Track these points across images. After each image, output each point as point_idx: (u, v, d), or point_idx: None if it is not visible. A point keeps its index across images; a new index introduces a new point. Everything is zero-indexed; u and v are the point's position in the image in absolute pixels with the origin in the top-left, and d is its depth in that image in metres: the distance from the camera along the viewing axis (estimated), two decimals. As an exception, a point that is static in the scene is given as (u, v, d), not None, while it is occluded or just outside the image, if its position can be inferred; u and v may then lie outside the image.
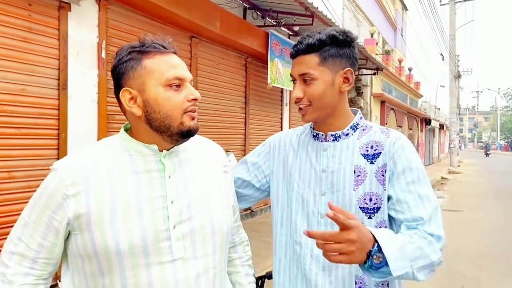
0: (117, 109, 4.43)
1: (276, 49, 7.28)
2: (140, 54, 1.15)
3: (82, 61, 4.04)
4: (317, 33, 1.36)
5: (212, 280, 1.18)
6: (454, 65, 28.84)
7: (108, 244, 1.06)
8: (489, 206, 10.76)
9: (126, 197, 1.10)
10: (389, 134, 1.40)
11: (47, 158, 3.75)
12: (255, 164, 1.58)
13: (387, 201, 1.34)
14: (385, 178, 1.34)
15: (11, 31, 3.45)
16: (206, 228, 1.17)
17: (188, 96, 1.14)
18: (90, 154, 1.16)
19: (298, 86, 1.38)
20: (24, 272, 1.12)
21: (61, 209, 1.09)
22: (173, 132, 1.14)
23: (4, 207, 3.42)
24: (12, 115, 3.46)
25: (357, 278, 1.34)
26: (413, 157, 1.36)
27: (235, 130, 7.09)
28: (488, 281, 5.01)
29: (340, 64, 1.37)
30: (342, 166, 1.38)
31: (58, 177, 1.11)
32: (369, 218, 1.33)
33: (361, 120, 1.46)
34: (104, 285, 1.09)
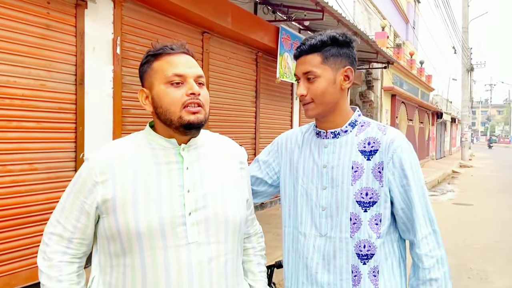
0: (131, 103, 4.58)
1: (286, 43, 7.35)
2: (152, 58, 1.29)
3: (98, 57, 4.17)
4: (319, 35, 1.47)
5: (224, 265, 1.28)
6: (467, 58, 28.55)
7: (129, 226, 1.19)
8: (499, 200, 10.75)
9: (147, 185, 1.23)
10: (385, 131, 1.49)
11: (66, 150, 3.90)
12: (266, 162, 1.71)
13: (391, 204, 1.47)
14: (382, 175, 1.44)
15: (31, 28, 3.58)
16: (220, 217, 1.28)
17: (187, 91, 1.25)
18: (117, 146, 1.30)
19: (302, 84, 1.49)
20: (62, 250, 1.26)
21: (91, 194, 1.23)
22: (176, 125, 1.25)
23: (26, 197, 3.58)
24: (33, 110, 3.61)
25: (353, 267, 1.45)
26: (410, 159, 1.45)
27: (246, 124, 7.20)
28: (494, 273, 5.08)
29: (341, 63, 1.48)
30: (341, 162, 1.48)
31: (89, 166, 1.25)
32: (365, 212, 1.44)
33: (360, 117, 1.56)
34: (125, 264, 1.22)
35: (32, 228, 3.62)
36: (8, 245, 3.45)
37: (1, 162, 3.39)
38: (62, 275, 1.25)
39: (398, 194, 1.44)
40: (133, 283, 1.21)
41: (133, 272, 1.21)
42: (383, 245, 1.46)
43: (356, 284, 1.45)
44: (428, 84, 22.00)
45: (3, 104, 3.38)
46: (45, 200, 3.72)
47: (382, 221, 1.45)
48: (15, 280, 3.49)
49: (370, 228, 1.44)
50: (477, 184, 14.21)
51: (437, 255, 1.44)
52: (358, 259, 1.45)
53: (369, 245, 1.44)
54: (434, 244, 1.44)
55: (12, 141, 3.46)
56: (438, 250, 1.45)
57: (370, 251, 1.44)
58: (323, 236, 1.49)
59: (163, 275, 1.20)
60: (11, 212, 3.47)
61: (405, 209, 1.45)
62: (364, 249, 1.44)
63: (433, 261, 1.43)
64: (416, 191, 1.43)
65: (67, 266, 1.26)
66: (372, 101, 13.51)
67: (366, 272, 1.45)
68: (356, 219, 1.45)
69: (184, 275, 1.21)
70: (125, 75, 4.52)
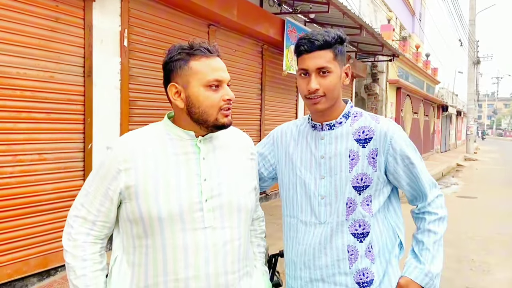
0: (138, 95, 4.65)
1: (292, 36, 7.37)
2: (188, 56, 1.34)
3: (106, 49, 4.23)
4: (325, 32, 1.53)
5: (238, 248, 1.39)
6: (473, 51, 28.36)
7: (151, 211, 1.29)
8: (503, 193, 10.77)
9: (167, 174, 1.31)
10: (378, 121, 1.60)
11: (74, 141, 3.98)
12: (262, 155, 1.77)
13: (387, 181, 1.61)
14: (375, 161, 1.55)
15: (40, 21, 3.64)
16: (233, 204, 1.38)
17: (224, 96, 1.35)
18: (138, 136, 1.38)
19: (314, 78, 1.51)
20: (85, 232, 1.35)
21: (115, 181, 1.32)
22: (209, 125, 1.36)
23: (36, 187, 3.66)
24: (42, 101, 3.68)
25: (348, 247, 1.55)
26: (406, 141, 1.60)
27: (251, 116, 7.26)
28: (496, 265, 5.13)
29: (343, 60, 1.57)
30: (338, 151, 1.57)
31: (113, 154, 1.34)
32: (359, 195, 1.55)
33: (352, 108, 1.64)
34: (147, 246, 1.32)
35: (42, 217, 3.71)
36: (19, 233, 3.54)
37: (12, 152, 3.47)
38: (86, 254, 1.34)
39: (402, 173, 1.57)
40: (155, 262, 1.31)
41: (154, 252, 1.31)
42: (377, 222, 1.57)
43: (352, 262, 1.54)
44: (434, 77, 21.90)
45: (13, 95, 3.46)
46: (54, 190, 3.81)
47: (372, 201, 1.56)
48: (26, 267, 3.58)
49: (362, 208, 1.55)
50: (482, 177, 14.22)
51: (441, 213, 1.63)
52: (355, 238, 1.55)
53: (363, 224, 1.55)
54: (441, 204, 1.65)
55: (22, 131, 3.54)
56: (442, 210, 1.65)
57: (365, 229, 1.55)
58: (323, 223, 1.57)
59: (182, 256, 1.30)
60: (21, 201, 3.55)
61: (411, 183, 1.60)
62: (359, 228, 1.55)
63: (436, 217, 1.62)
64: (418, 166, 1.59)
65: (90, 246, 1.35)
66: (377, 94, 13.50)
67: (363, 249, 1.55)
68: (351, 202, 1.55)
69: (201, 256, 1.31)
70: (132, 67, 4.58)
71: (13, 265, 3.50)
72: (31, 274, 3.64)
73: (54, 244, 3.80)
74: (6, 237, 3.45)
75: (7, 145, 3.44)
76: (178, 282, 1.30)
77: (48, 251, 3.76)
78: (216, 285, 1.34)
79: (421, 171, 1.60)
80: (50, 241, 3.77)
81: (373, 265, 1.56)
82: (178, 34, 5.22)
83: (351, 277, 1.55)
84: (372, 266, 1.56)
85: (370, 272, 1.55)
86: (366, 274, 1.55)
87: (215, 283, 1.33)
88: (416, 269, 1.58)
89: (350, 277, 1.55)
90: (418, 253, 1.61)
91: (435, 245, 1.59)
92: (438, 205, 1.64)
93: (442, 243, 1.62)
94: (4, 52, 3.38)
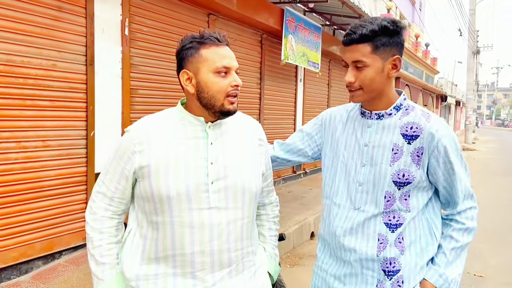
0: (139, 84, 4.73)
1: (291, 25, 7.42)
2: (198, 44, 1.43)
3: (107, 38, 4.29)
4: (369, 23, 1.48)
5: (240, 228, 1.49)
6: (473, 40, 28.32)
7: (161, 190, 1.39)
8: (499, 183, 10.90)
9: (177, 156, 1.42)
10: (429, 119, 1.56)
11: (77, 129, 4.06)
12: (309, 134, 1.84)
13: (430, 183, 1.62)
14: (420, 159, 1.54)
15: (43, 10, 3.70)
16: (238, 187, 1.48)
17: (232, 82, 1.43)
18: (153, 121, 1.49)
19: (350, 71, 1.53)
20: (104, 207, 1.49)
21: (130, 161, 1.43)
22: (216, 110, 1.44)
23: (40, 173, 3.75)
24: (46, 89, 3.75)
25: (379, 235, 1.57)
26: (454, 146, 1.58)
27: (250, 105, 7.33)
28: (489, 251, 5.26)
29: (390, 52, 1.51)
30: (382, 142, 1.58)
31: (129, 137, 1.45)
32: (399, 190, 1.56)
33: (405, 101, 1.61)
34: (157, 222, 1.43)
35: (46, 202, 3.81)
36: (24, 217, 3.64)
37: (16, 139, 3.56)
38: (103, 227, 1.48)
39: (441, 176, 1.57)
40: (164, 237, 1.42)
41: (164, 228, 1.42)
42: (413, 219, 1.58)
43: (381, 250, 1.57)
44: (433, 67, 21.93)
45: (18, 83, 3.53)
46: (57, 176, 3.90)
47: (410, 197, 1.57)
48: (31, 250, 3.69)
49: (400, 203, 1.56)
50: (479, 167, 14.34)
51: (468, 224, 1.61)
52: (387, 227, 1.57)
53: (398, 216, 1.57)
54: (472, 216, 1.63)
55: (27, 119, 3.62)
56: (470, 221, 1.62)
57: (399, 221, 1.57)
58: (357, 209, 1.61)
59: (188, 232, 1.41)
60: (26, 187, 3.65)
61: (447, 187, 1.60)
62: (393, 219, 1.57)
63: (462, 226, 1.61)
64: (458, 174, 1.58)
65: (108, 221, 1.49)
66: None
67: (393, 239, 1.57)
68: (390, 197, 1.56)
69: (206, 233, 1.42)
70: (133, 56, 4.65)
71: (18, 249, 3.60)
72: (36, 258, 3.75)
73: (58, 228, 3.92)
74: (11, 221, 3.55)
75: (12, 131, 3.52)
76: (185, 256, 1.41)
77: (53, 235, 3.87)
78: (220, 261, 1.44)
79: (460, 179, 1.58)
80: (54, 225, 3.88)
81: (402, 256, 1.57)
82: (178, 23, 5.28)
83: (378, 264, 1.58)
84: (401, 257, 1.57)
85: (398, 262, 1.57)
86: (393, 263, 1.57)
87: (219, 259, 1.44)
88: (431, 270, 1.60)
89: (378, 264, 1.58)
90: (435, 256, 1.62)
91: (452, 251, 1.59)
92: (469, 216, 1.62)
93: (462, 252, 1.61)
94: (8, 40, 3.45)
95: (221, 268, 1.45)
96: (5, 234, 3.51)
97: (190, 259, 1.42)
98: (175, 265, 1.43)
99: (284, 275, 3.35)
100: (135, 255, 1.47)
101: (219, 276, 1.45)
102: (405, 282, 1.57)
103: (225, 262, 1.45)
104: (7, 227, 3.53)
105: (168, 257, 1.43)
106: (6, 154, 3.50)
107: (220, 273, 1.45)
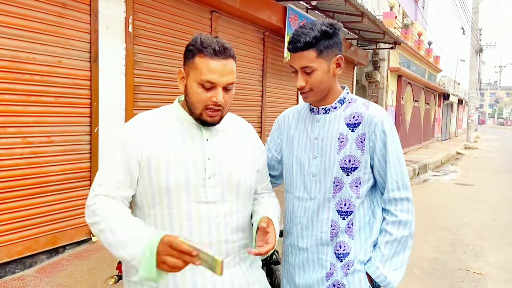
0: (142, 81, 4.76)
1: (293, 23, 7.43)
2: (196, 50, 1.44)
3: (111, 35, 4.33)
4: (310, 29, 1.59)
5: (236, 220, 1.54)
6: (476, 39, 28.26)
7: (161, 181, 1.42)
8: (500, 181, 10.92)
9: (176, 152, 1.46)
10: (368, 107, 1.69)
11: (81, 125, 4.10)
12: (272, 140, 1.94)
13: (371, 168, 1.69)
14: (364, 144, 1.66)
15: (48, 6, 3.74)
16: (233, 182, 1.53)
17: (212, 98, 1.44)
18: (152, 118, 1.52)
19: (300, 76, 1.64)
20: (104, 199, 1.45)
21: (130, 155, 1.45)
22: (195, 117, 1.48)
23: (45, 168, 3.80)
24: (51, 85, 3.79)
25: (332, 222, 1.69)
26: (389, 132, 1.65)
27: (252, 102, 7.36)
28: (489, 249, 5.29)
29: (333, 53, 1.64)
30: (329, 134, 1.70)
31: (126, 132, 1.48)
32: (347, 176, 1.67)
33: (348, 95, 1.75)
34: (155, 215, 1.45)
35: (50, 197, 3.86)
36: (29, 212, 3.69)
37: (22, 134, 3.60)
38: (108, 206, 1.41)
39: (377, 161, 1.66)
40: (162, 229, 1.44)
41: (162, 221, 1.45)
42: (362, 204, 1.69)
43: (333, 236, 1.69)
44: (436, 65, 21.89)
45: (23, 79, 3.57)
46: (62, 171, 3.95)
47: (361, 184, 1.67)
48: (35, 244, 3.74)
49: (350, 189, 1.67)
50: (480, 166, 14.35)
51: (401, 217, 1.65)
52: (338, 215, 1.68)
53: (349, 204, 1.67)
54: (407, 208, 1.67)
55: (32, 114, 3.66)
56: (405, 214, 1.66)
57: (349, 208, 1.68)
58: (312, 199, 1.72)
59: (186, 224, 1.44)
60: (31, 182, 3.70)
61: (382, 174, 1.68)
62: (344, 206, 1.68)
63: (395, 219, 1.65)
64: (392, 160, 1.64)
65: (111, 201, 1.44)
66: (378, 81, 13.57)
67: (344, 226, 1.68)
68: (339, 182, 1.67)
69: (204, 225, 1.46)
70: (136, 53, 4.68)
71: (23, 243, 3.65)
72: (40, 252, 3.80)
73: (63, 223, 3.96)
74: (16, 216, 3.60)
75: (17, 127, 3.57)
76: None
77: (57, 230, 3.92)
78: (218, 252, 1.48)
79: (392, 166, 1.65)
80: (58, 220, 3.93)
81: (352, 241, 1.69)
82: (182, 20, 5.31)
83: (331, 248, 1.69)
84: (351, 241, 1.69)
85: (348, 246, 1.68)
86: (343, 247, 1.68)
87: (218, 250, 1.48)
88: (369, 264, 1.68)
89: (331, 248, 1.70)
90: (373, 250, 1.70)
91: (387, 245, 1.65)
92: (403, 208, 1.66)
93: (400, 247, 1.66)
94: (13, 37, 3.49)
95: None
96: (9, 228, 3.56)
97: None
98: None
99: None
100: None
101: None
102: (354, 264, 1.67)
103: (223, 253, 1.49)
104: (12, 221, 3.57)
105: None
106: (11, 149, 3.54)
107: None
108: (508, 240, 5.75)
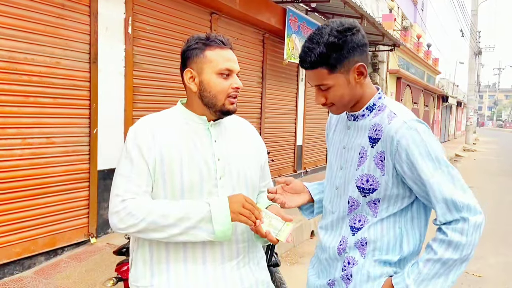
0: (142, 82, 4.76)
1: (293, 25, 7.44)
2: (204, 45, 1.50)
3: (111, 37, 4.33)
4: (316, 43, 1.38)
5: None
6: (475, 41, 28.31)
7: (175, 181, 1.46)
8: (499, 183, 10.93)
9: (189, 153, 1.49)
10: (392, 120, 1.41)
11: (81, 126, 4.09)
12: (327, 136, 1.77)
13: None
14: (384, 164, 1.41)
15: (46, 7, 3.73)
16: (241, 181, 1.58)
17: (233, 84, 1.51)
18: (157, 119, 1.54)
19: (318, 93, 1.48)
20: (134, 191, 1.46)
21: (149, 158, 1.46)
22: (217, 110, 1.52)
23: (45, 169, 3.79)
24: (49, 86, 3.78)
25: (343, 237, 1.54)
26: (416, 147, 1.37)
27: (252, 104, 7.36)
28: (488, 251, 5.28)
29: (350, 63, 1.40)
30: (354, 145, 1.50)
31: (134, 134, 1.50)
32: (364, 197, 1.46)
33: (379, 100, 1.49)
34: None
35: (50, 198, 3.85)
36: (28, 213, 3.68)
37: (22, 136, 3.59)
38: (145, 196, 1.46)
39: (414, 186, 1.40)
40: None
41: None
42: (380, 222, 1.47)
43: (341, 252, 1.54)
44: (435, 67, 21.94)
45: (21, 80, 3.56)
46: (62, 172, 3.94)
47: (380, 202, 1.46)
48: (34, 246, 3.73)
49: (368, 207, 1.48)
50: (479, 168, 14.36)
51: (452, 237, 1.33)
52: (350, 230, 1.52)
53: (364, 220, 1.49)
54: (461, 229, 1.33)
55: (30, 115, 3.65)
56: (457, 235, 1.33)
57: (363, 225, 1.49)
58: (333, 213, 1.59)
59: None
60: (31, 183, 3.69)
61: (425, 196, 1.40)
62: (358, 223, 1.50)
63: (444, 238, 1.35)
64: (430, 180, 1.35)
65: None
66: (377, 83, 13.58)
67: (352, 242, 1.50)
68: (354, 202, 1.49)
69: None
70: (136, 54, 4.68)
71: (21, 244, 3.64)
72: (38, 253, 3.78)
73: (61, 224, 3.95)
74: (15, 217, 3.59)
75: (17, 128, 3.56)
76: (195, 247, 1.49)
77: (55, 231, 3.91)
78: (229, 251, 1.53)
79: (432, 187, 1.35)
80: (57, 221, 3.92)
81: (362, 259, 1.49)
82: (181, 22, 5.31)
83: (341, 263, 1.54)
84: (360, 259, 1.49)
85: (356, 263, 1.49)
86: (351, 263, 1.51)
87: (229, 249, 1.53)
88: (399, 274, 1.43)
89: (340, 263, 1.54)
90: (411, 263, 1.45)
91: (427, 263, 1.36)
92: (457, 228, 1.33)
93: (442, 270, 1.35)
94: (11, 37, 3.48)
95: (230, 259, 1.54)
96: (8, 229, 3.54)
97: (202, 250, 1.49)
98: (185, 250, 1.48)
99: (284, 273, 3.39)
100: (144, 252, 1.53)
101: (229, 267, 1.53)
102: (352, 282, 1.50)
103: (233, 253, 1.54)
104: (11, 222, 3.56)
105: (179, 247, 1.48)
106: (11, 150, 3.53)
107: (230, 263, 1.53)
108: (508, 242, 5.75)
